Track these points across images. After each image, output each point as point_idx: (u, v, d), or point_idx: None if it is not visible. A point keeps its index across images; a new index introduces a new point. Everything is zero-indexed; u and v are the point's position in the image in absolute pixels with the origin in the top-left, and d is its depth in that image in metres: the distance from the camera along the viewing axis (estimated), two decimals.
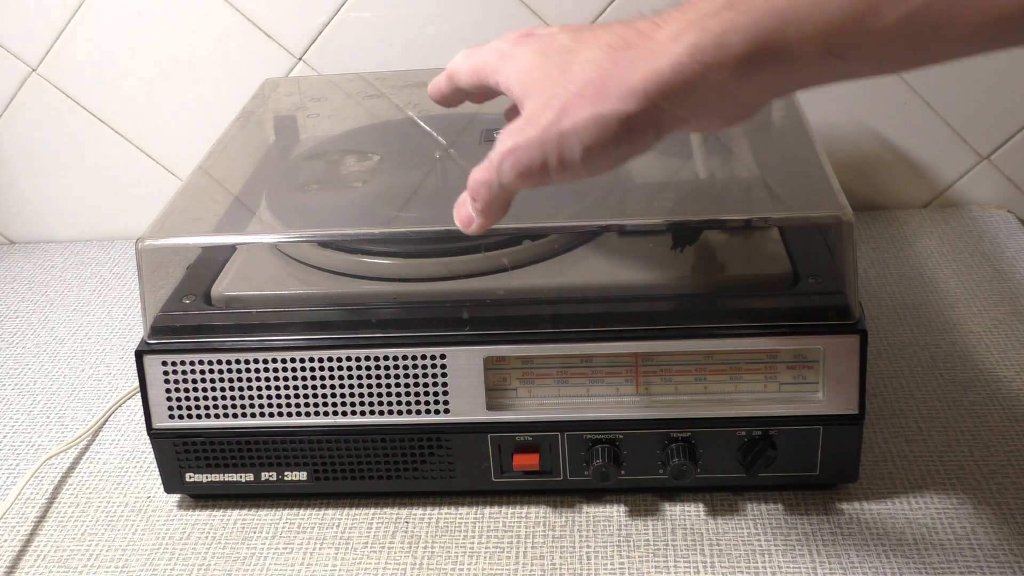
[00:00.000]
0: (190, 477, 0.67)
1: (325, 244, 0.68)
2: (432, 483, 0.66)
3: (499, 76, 0.52)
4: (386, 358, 0.63)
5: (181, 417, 0.65)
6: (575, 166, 0.48)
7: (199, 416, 0.65)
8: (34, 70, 1.00)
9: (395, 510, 0.67)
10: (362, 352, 0.63)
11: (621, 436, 0.64)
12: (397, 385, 0.64)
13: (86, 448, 0.76)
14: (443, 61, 0.96)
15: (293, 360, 0.64)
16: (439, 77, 0.58)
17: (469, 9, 0.95)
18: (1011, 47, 0.42)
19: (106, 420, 0.78)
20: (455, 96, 0.59)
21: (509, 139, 0.49)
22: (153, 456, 0.67)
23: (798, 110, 0.78)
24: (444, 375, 0.63)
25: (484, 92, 0.57)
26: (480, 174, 0.51)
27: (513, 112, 0.57)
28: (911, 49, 0.43)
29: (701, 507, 0.65)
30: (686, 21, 0.45)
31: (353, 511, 0.67)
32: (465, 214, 0.54)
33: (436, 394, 0.64)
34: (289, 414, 0.65)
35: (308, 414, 0.65)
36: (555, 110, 0.47)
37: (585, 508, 0.66)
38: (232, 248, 0.71)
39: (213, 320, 0.65)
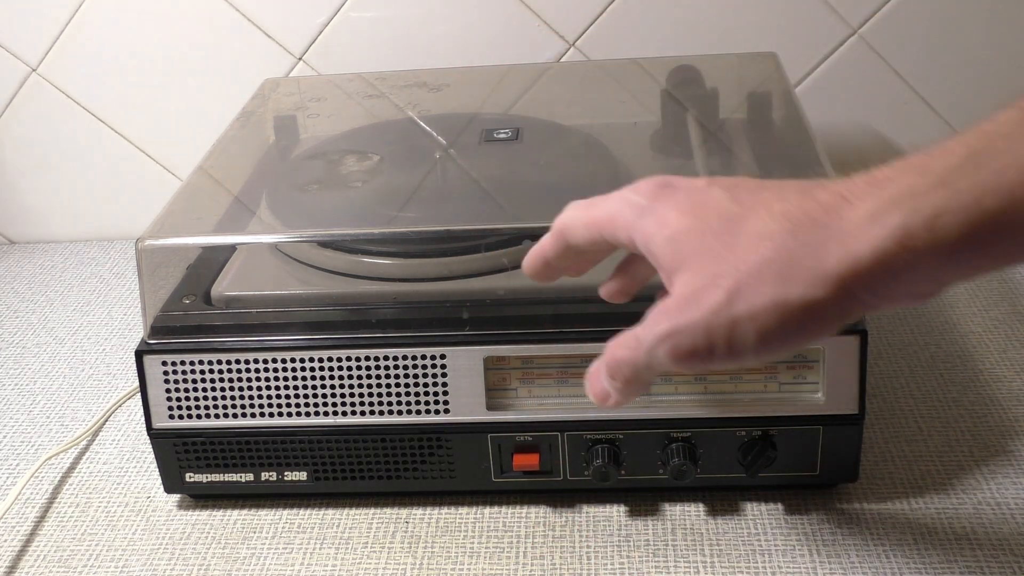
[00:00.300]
0: (190, 477, 0.67)
1: (325, 244, 0.68)
2: (432, 483, 0.66)
3: (635, 234, 0.45)
4: (386, 358, 0.63)
5: (181, 417, 0.65)
6: (746, 353, 0.42)
7: (199, 416, 0.65)
8: (34, 70, 1.00)
9: (395, 510, 0.67)
10: (362, 352, 0.63)
11: (621, 436, 0.64)
12: (397, 385, 0.64)
13: (86, 448, 0.76)
14: (443, 61, 0.97)
15: (293, 360, 0.64)
16: (541, 242, 0.50)
17: (469, 9, 0.95)
18: None
19: (106, 420, 0.78)
20: (562, 260, 0.50)
21: (665, 320, 0.43)
22: (153, 456, 0.67)
23: (798, 110, 0.78)
24: (444, 375, 0.63)
25: (598, 252, 0.50)
26: (623, 352, 0.46)
27: (630, 264, 0.50)
28: None
29: (701, 507, 0.65)
30: (886, 199, 0.39)
31: (353, 511, 0.67)
32: (600, 388, 0.48)
33: (436, 394, 0.64)
34: (289, 414, 0.65)
35: (308, 414, 0.65)
36: (724, 291, 0.41)
37: (585, 508, 0.66)
38: (232, 248, 0.71)
39: (213, 320, 0.65)
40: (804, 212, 0.41)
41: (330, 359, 0.63)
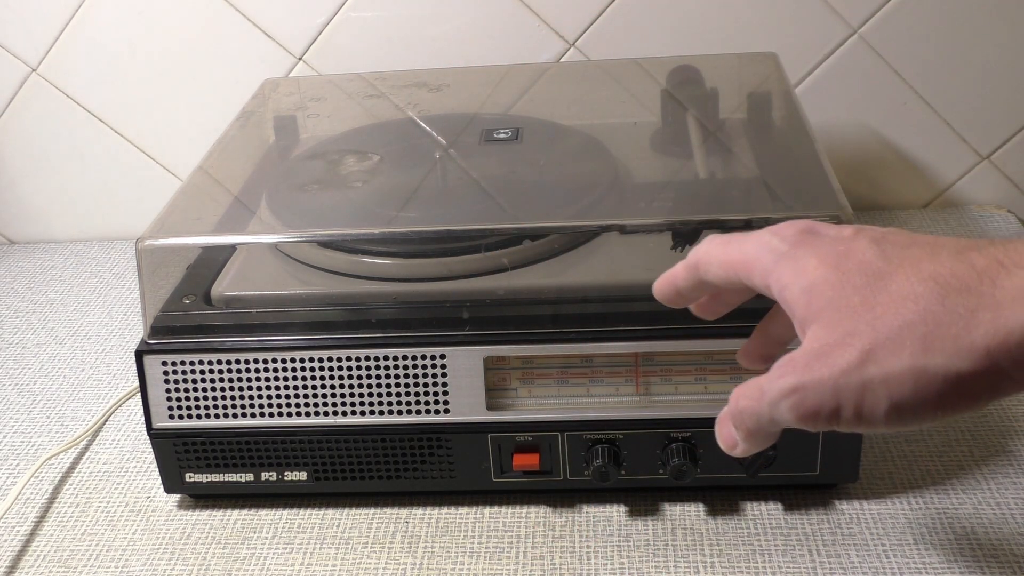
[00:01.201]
0: (190, 477, 0.67)
1: (325, 244, 0.68)
2: (432, 483, 0.66)
3: (771, 280, 0.43)
4: (386, 358, 0.63)
5: (181, 417, 0.65)
6: (875, 421, 0.40)
7: (199, 416, 0.65)
8: (34, 70, 1.00)
9: (395, 510, 0.67)
10: (362, 352, 0.63)
11: (621, 436, 0.64)
12: (397, 385, 0.64)
13: (86, 448, 0.76)
14: (443, 61, 0.97)
15: (293, 360, 0.64)
16: (676, 267, 0.48)
17: (469, 9, 0.95)
18: None
19: (106, 420, 0.78)
20: (693, 292, 0.48)
21: (792, 375, 0.41)
22: (153, 456, 0.67)
23: (798, 110, 0.78)
24: (444, 375, 0.63)
25: (733, 294, 0.48)
26: (748, 403, 0.44)
27: (773, 321, 0.49)
28: None
29: (701, 507, 0.65)
30: None
31: (353, 511, 0.67)
32: (728, 435, 0.46)
33: (436, 394, 0.64)
34: (289, 414, 0.65)
35: (308, 414, 0.65)
36: (857, 351, 0.39)
37: (585, 508, 0.66)
38: (232, 248, 0.71)
39: (213, 320, 0.65)
40: (956, 276, 0.38)
41: (330, 359, 0.63)
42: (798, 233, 0.44)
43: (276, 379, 0.64)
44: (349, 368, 0.63)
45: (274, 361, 0.64)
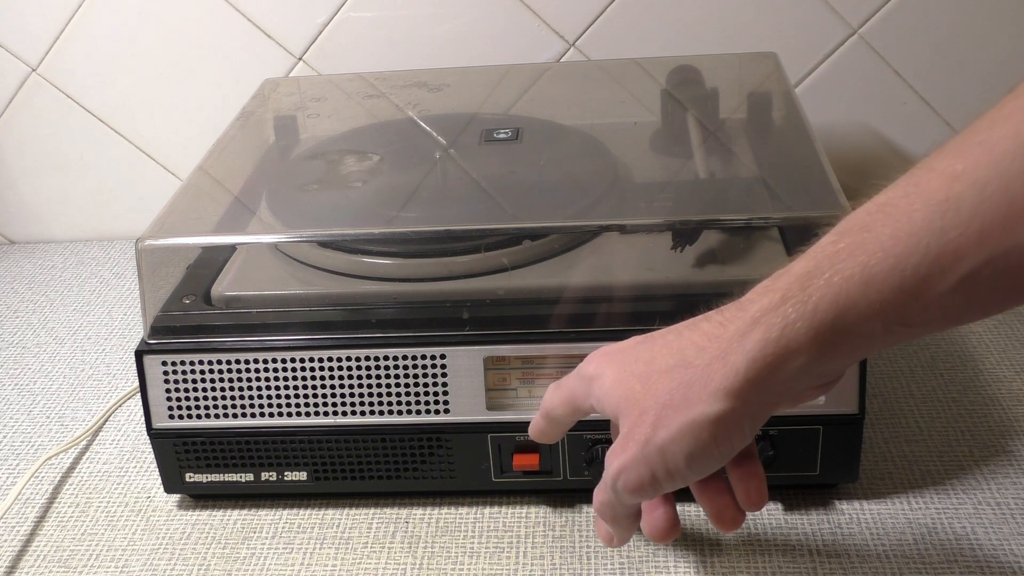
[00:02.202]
0: (190, 477, 0.67)
1: (325, 244, 0.68)
2: (432, 483, 0.66)
3: (590, 400, 0.53)
4: (386, 358, 0.63)
5: (181, 417, 0.65)
6: (682, 472, 0.49)
7: (199, 416, 0.65)
8: (34, 70, 1.00)
9: (395, 510, 0.67)
10: (362, 352, 0.63)
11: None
12: (397, 385, 0.64)
13: (86, 448, 0.76)
14: (443, 61, 0.97)
15: (293, 360, 0.64)
16: (537, 419, 0.57)
17: (469, 9, 0.95)
18: None
19: (106, 420, 0.78)
20: (557, 430, 0.58)
21: (615, 459, 0.50)
22: (153, 456, 0.67)
23: (798, 110, 0.78)
24: (444, 375, 0.63)
25: (583, 416, 0.56)
26: (601, 495, 0.53)
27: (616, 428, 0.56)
28: (977, 304, 0.43)
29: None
30: (748, 318, 0.46)
31: (353, 511, 0.67)
32: (604, 531, 0.56)
33: (436, 394, 0.64)
34: (289, 414, 0.65)
35: (308, 414, 0.65)
36: (648, 425, 0.48)
37: (585, 508, 0.66)
38: (232, 248, 0.71)
39: (213, 320, 0.65)
40: (693, 343, 0.48)
41: (330, 359, 0.63)
42: (598, 358, 0.53)
43: (276, 379, 0.64)
44: (349, 368, 0.63)
45: (274, 361, 0.64)
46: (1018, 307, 0.44)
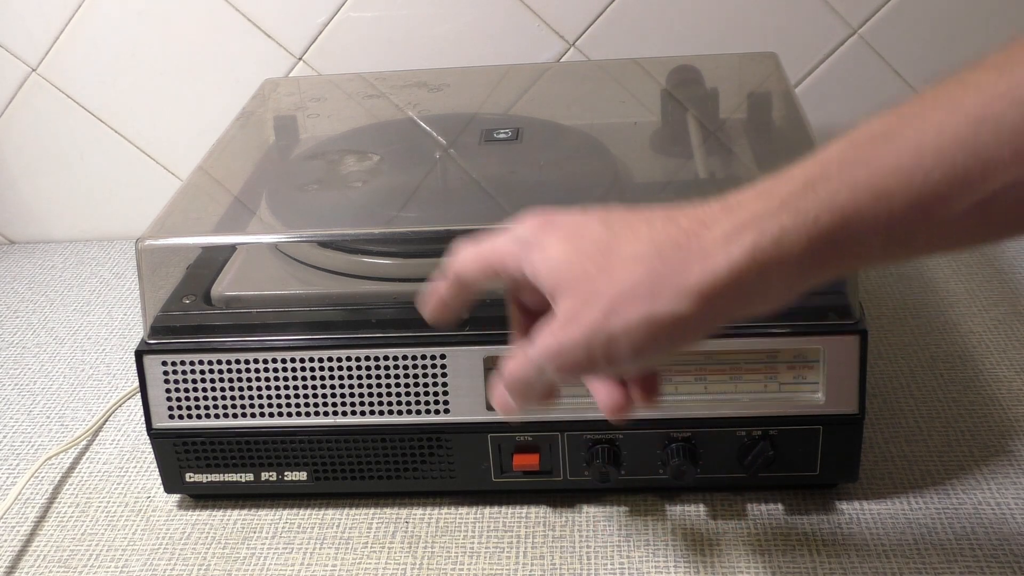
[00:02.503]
0: (190, 477, 0.67)
1: (325, 244, 0.68)
2: (432, 483, 0.66)
3: (523, 265, 0.49)
4: (386, 358, 0.63)
5: (181, 417, 0.65)
6: (623, 364, 0.46)
7: (199, 416, 0.65)
8: (34, 70, 1.00)
9: (395, 510, 0.67)
10: (362, 352, 0.63)
11: (621, 436, 0.64)
12: (397, 385, 0.64)
13: (86, 448, 0.76)
14: (443, 61, 0.97)
15: (293, 360, 0.64)
16: (436, 286, 0.53)
17: (469, 9, 0.95)
18: None
19: (106, 420, 0.78)
20: (457, 300, 0.52)
21: (551, 339, 0.47)
22: (153, 456, 0.67)
23: (798, 110, 0.78)
24: (444, 375, 0.63)
25: (497, 284, 0.52)
26: (517, 371, 0.49)
27: (517, 291, 0.53)
28: (982, 230, 0.42)
29: (701, 507, 0.65)
30: (738, 222, 0.43)
31: (353, 511, 0.67)
32: (503, 401, 0.52)
33: (436, 394, 0.64)
34: (289, 414, 0.65)
35: (308, 414, 0.65)
36: (600, 310, 0.45)
37: (585, 508, 0.66)
38: (232, 248, 0.71)
39: (213, 320, 0.65)
40: (668, 236, 0.45)
41: (330, 359, 0.63)
42: (540, 224, 0.49)
43: (276, 379, 0.64)
44: (349, 368, 0.63)
45: (274, 361, 0.64)
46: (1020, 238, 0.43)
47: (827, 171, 0.42)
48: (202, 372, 0.64)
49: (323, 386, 0.64)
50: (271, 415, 0.65)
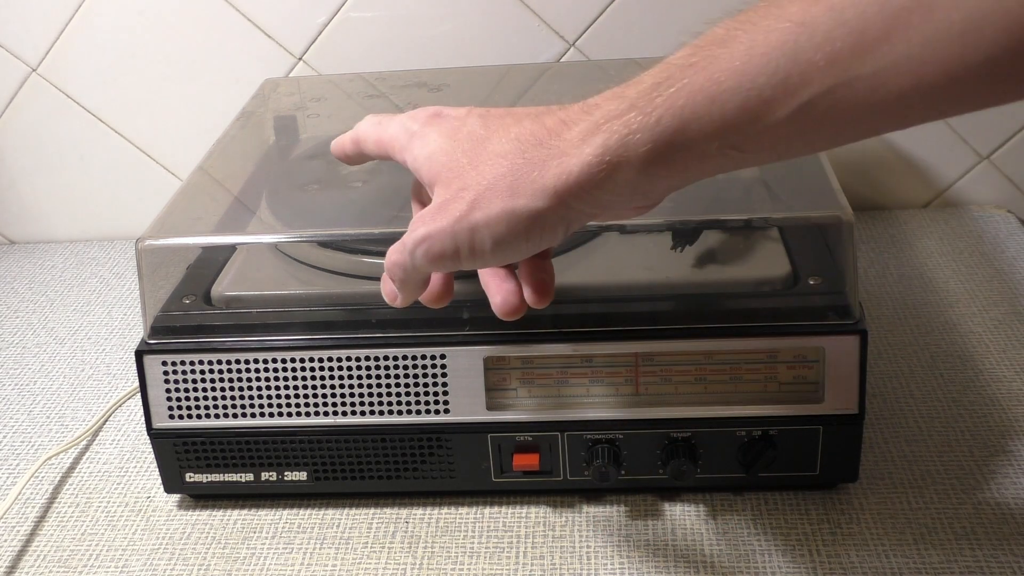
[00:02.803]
0: (190, 477, 0.67)
1: (325, 244, 0.68)
2: (432, 483, 0.66)
3: (406, 155, 0.53)
4: (386, 358, 0.63)
5: (181, 417, 0.65)
6: (485, 256, 0.49)
7: (199, 416, 0.65)
8: (34, 70, 1.00)
9: (395, 510, 0.67)
10: (362, 352, 0.63)
11: (621, 436, 0.64)
12: (397, 385, 0.64)
13: (86, 448, 0.76)
14: (443, 61, 0.97)
15: (293, 360, 0.64)
16: (344, 136, 0.59)
17: (469, 9, 0.95)
18: (922, 123, 0.42)
19: (106, 420, 0.78)
20: (359, 159, 0.59)
21: (422, 226, 0.50)
22: (153, 456, 0.67)
23: None
24: (444, 375, 0.63)
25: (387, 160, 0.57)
26: (395, 256, 0.52)
27: (419, 189, 0.57)
28: (807, 137, 0.44)
29: (701, 507, 0.65)
30: (592, 123, 0.45)
31: (353, 511, 0.67)
32: (389, 289, 0.55)
33: (436, 394, 0.64)
34: (289, 414, 0.65)
35: (308, 414, 0.65)
36: (466, 202, 0.48)
37: (585, 508, 0.66)
38: (232, 248, 0.71)
39: (213, 320, 0.65)
40: (533, 135, 0.47)
41: (330, 359, 0.63)
42: (428, 116, 0.53)
43: (276, 379, 0.64)
44: (349, 368, 0.63)
45: (274, 361, 0.64)
46: (850, 142, 0.44)
47: (671, 76, 0.44)
48: (202, 372, 0.64)
49: (323, 386, 0.64)
50: (271, 415, 0.65)
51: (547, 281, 0.54)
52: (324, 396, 0.64)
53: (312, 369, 0.64)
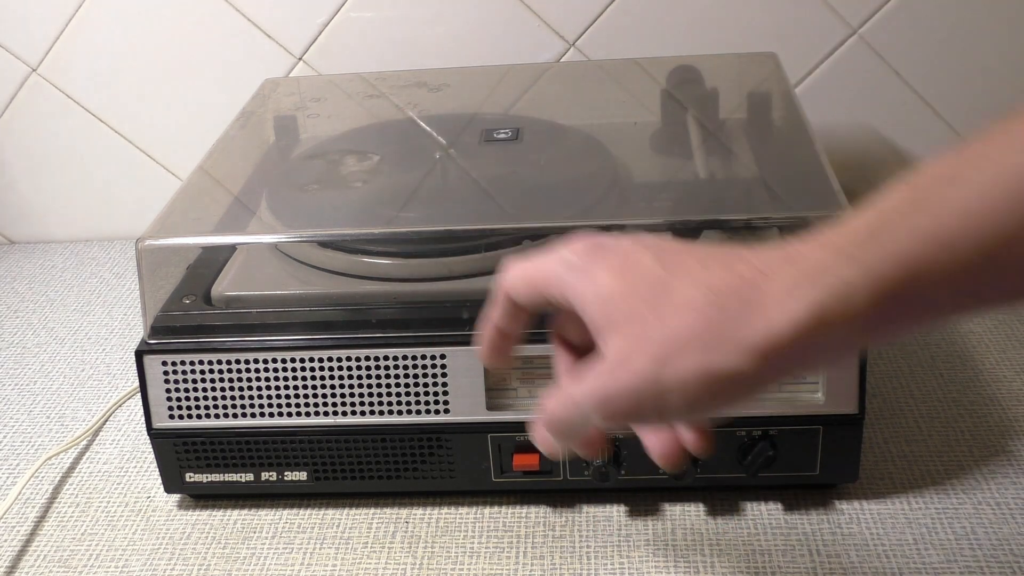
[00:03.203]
0: (190, 477, 0.67)
1: (325, 244, 0.68)
2: (432, 483, 0.66)
3: (568, 292, 0.46)
4: (386, 358, 0.63)
5: (181, 417, 0.65)
6: (672, 416, 0.44)
7: (199, 416, 0.65)
8: (34, 70, 1.00)
9: (395, 510, 0.67)
10: (362, 352, 0.63)
11: (621, 436, 0.64)
12: (397, 385, 0.64)
13: (86, 448, 0.76)
14: (443, 61, 0.97)
15: (293, 360, 0.64)
16: (489, 312, 0.50)
17: (469, 9, 0.95)
18: None
19: (106, 420, 0.78)
20: (513, 323, 0.50)
21: (598, 382, 0.44)
22: (153, 456, 0.67)
23: (798, 110, 0.78)
24: (444, 375, 0.63)
25: (542, 308, 0.49)
26: (560, 411, 0.46)
27: (565, 325, 0.50)
28: None
29: (701, 507, 0.65)
30: (798, 274, 0.41)
31: (353, 511, 0.67)
32: (547, 441, 0.48)
33: (436, 394, 0.64)
34: (289, 414, 0.65)
35: (308, 414, 0.65)
36: (652, 358, 0.42)
37: (585, 508, 0.66)
38: (232, 248, 0.71)
39: (213, 320, 0.65)
40: (727, 284, 0.42)
41: (330, 359, 0.63)
42: (588, 248, 0.46)
43: (276, 379, 0.64)
44: (349, 368, 0.63)
45: (274, 361, 0.64)
46: None
47: (889, 219, 0.39)
48: (202, 372, 0.64)
49: (323, 386, 0.64)
50: (271, 415, 0.65)
51: (706, 424, 0.48)
52: (324, 396, 0.64)
53: (312, 369, 0.64)
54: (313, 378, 0.64)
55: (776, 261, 0.42)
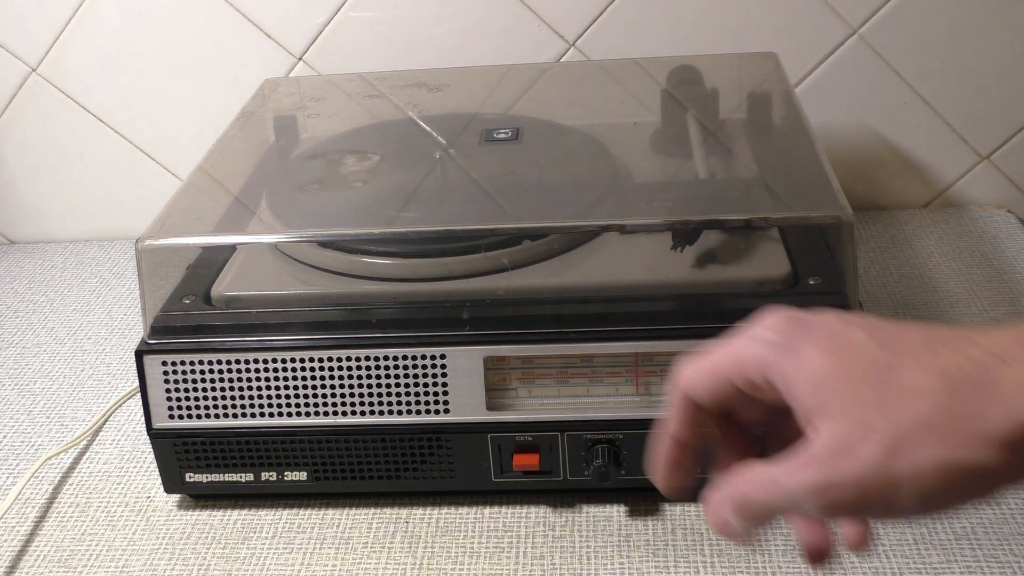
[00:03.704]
0: (190, 477, 0.67)
1: (325, 244, 0.68)
2: (432, 483, 0.66)
3: (771, 373, 0.42)
4: (386, 358, 0.63)
5: (181, 417, 0.65)
6: (904, 513, 0.40)
7: (199, 416, 0.65)
8: (34, 70, 1.00)
9: (395, 510, 0.67)
10: (362, 352, 0.63)
11: (621, 436, 0.64)
12: (397, 385, 0.64)
13: (86, 448, 0.76)
14: (443, 61, 0.97)
15: (293, 360, 0.64)
16: (665, 426, 0.46)
17: (469, 9, 0.95)
18: None
19: (106, 420, 0.78)
20: (692, 431, 0.46)
21: (816, 470, 0.40)
22: (153, 456, 0.67)
23: (798, 110, 0.78)
24: (444, 375, 0.63)
25: (730, 398, 0.45)
26: (760, 495, 0.42)
27: (746, 407, 0.46)
28: None
29: (701, 507, 0.65)
30: None
31: (353, 511, 0.67)
32: (722, 520, 0.44)
33: (436, 394, 0.64)
34: (289, 414, 0.65)
35: (308, 414, 0.65)
36: (880, 447, 0.39)
37: (585, 508, 0.66)
38: (232, 248, 0.71)
39: (213, 320, 0.65)
40: (961, 370, 0.39)
41: (330, 359, 0.63)
42: (787, 323, 0.43)
43: (276, 379, 0.64)
44: (349, 368, 0.63)
45: (274, 361, 0.64)
46: None
47: None
48: (202, 372, 0.64)
49: (323, 386, 0.64)
50: (271, 415, 0.65)
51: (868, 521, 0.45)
52: (324, 396, 0.64)
53: (312, 369, 0.64)
54: (313, 378, 0.64)
55: (1010, 344, 0.39)
